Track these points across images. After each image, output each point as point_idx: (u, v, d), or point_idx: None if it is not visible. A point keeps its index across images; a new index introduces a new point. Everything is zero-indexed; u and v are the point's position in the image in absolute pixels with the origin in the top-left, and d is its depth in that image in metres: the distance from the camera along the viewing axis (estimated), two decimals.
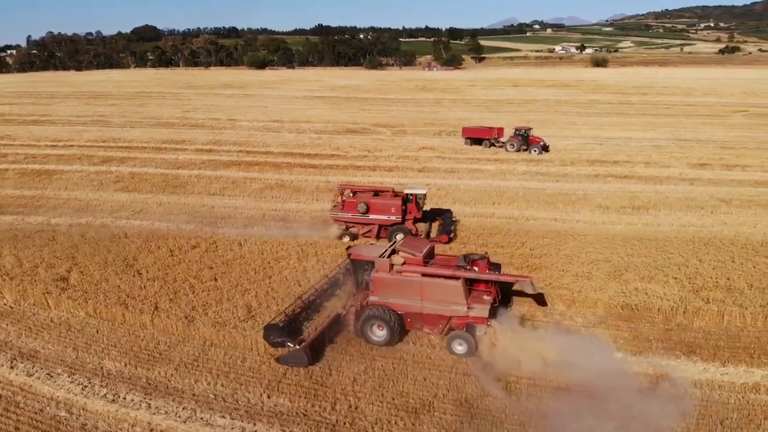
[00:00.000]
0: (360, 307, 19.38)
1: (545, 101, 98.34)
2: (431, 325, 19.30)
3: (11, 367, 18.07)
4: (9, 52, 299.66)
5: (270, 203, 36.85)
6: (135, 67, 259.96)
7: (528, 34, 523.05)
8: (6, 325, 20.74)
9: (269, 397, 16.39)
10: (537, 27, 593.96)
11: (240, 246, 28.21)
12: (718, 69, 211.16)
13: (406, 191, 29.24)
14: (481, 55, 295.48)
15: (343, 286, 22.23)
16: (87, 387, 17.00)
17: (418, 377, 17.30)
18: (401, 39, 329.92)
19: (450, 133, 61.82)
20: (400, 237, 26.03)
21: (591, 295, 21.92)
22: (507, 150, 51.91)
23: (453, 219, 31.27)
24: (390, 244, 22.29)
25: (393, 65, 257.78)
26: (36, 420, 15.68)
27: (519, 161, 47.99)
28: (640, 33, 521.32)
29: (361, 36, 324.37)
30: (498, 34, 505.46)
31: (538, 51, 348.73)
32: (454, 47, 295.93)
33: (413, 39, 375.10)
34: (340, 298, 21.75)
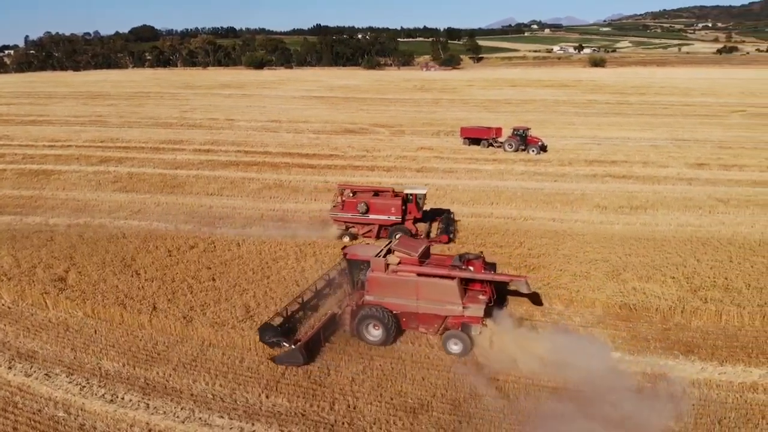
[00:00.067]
0: (356, 307, 19.39)
1: (543, 101, 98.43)
2: (427, 325, 19.33)
3: (9, 368, 18.04)
4: (7, 52, 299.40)
5: (268, 203, 36.84)
6: (133, 67, 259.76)
7: (526, 34, 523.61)
8: (4, 326, 20.70)
9: (267, 397, 16.38)
10: (535, 27, 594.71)
11: (238, 246, 28.20)
12: (715, 69, 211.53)
13: (406, 191, 29.24)
14: (480, 55, 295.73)
15: (339, 286, 22.24)
16: (85, 387, 16.98)
17: (416, 377, 17.31)
18: (399, 39, 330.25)
19: (448, 133, 61.84)
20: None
21: (589, 295, 21.95)
22: (505, 150, 51.96)
23: (453, 219, 31.27)
24: (386, 243, 22.31)
25: (391, 65, 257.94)
26: (34, 420, 15.66)
27: (517, 161, 48.03)
28: (638, 33, 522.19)
29: (360, 36, 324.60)
30: (496, 34, 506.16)
31: (536, 51, 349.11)
32: (452, 47, 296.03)
33: (411, 39, 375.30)
34: (336, 297, 21.75)
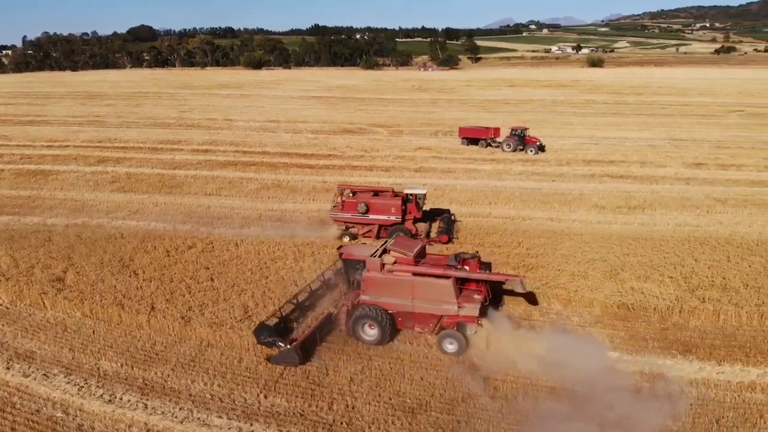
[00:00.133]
0: (351, 307, 19.41)
1: (541, 101, 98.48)
2: (422, 324, 19.35)
3: (7, 368, 18.01)
4: (4, 52, 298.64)
5: (266, 203, 36.82)
6: (131, 68, 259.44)
7: (524, 34, 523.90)
8: (2, 326, 20.67)
9: (266, 397, 16.38)
10: (533, 27, 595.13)
11: (236, 246, 28.19)
12: (713, 69, 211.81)
13: (406, 191, 29.26)
14: (478, 56, 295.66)
15: (335, 285, 22.25)
16: (83, 387, 16.96)
17: (414, 377, 17.32)
18: (398, 39, 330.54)
19: (446, 133, 61.85)
20: None
21: (587, 295, 21.98)
22: (503, 150, 51.97)
23: (453, 219, 31.29)
24: (381, 243, 22.32)
25: (389, 65, 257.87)
26: (32, 421, 15.64)
27: (515, 161, 48.06)
28: (635, 33, 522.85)
29: (358, 36, 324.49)
30: (494, 34, 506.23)
31: (534, 51, 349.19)
32: (450, 47, 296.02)
33: (410, 39, 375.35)
34: (332, 297, 21.75)
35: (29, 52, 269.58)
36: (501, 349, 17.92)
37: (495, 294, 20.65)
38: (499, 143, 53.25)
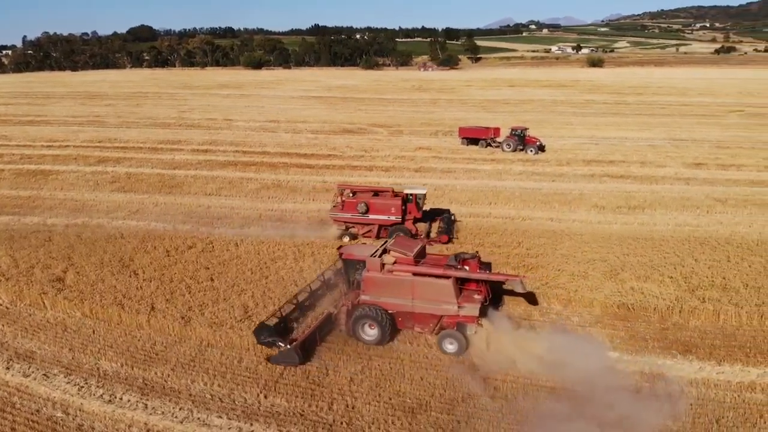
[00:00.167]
0: (351, 307, 19.42)
1: (541, 101, 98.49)
2: (422, 324, 19.35)
3: (7, 368, 18.01)
4: (4, 52, 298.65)
5: (266, 203, 36.83)
6: (131, 68, 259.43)
7: (524, 34, 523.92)
8: (2, 326, 20.66)
9: (266, 397, 16.38)
10: (533, 27, 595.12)
11: (236, 246, 28.19)
12: (713, 69, 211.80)
13: (406, 191, 29.27)
14: (478, 56, 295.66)
15: (335, 285, 22.24)
16: (83, 387, 16.96)
17: (414, 377, 17.32)
18: (398, 39, 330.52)
19: (446, 133, 61.85)
20: None
21: (587, 295, 21.98)
22: (503, 150, 51.97)
23: (453, 219, 31.29)
24: (381, 243, 22.33)
25: (389, 65, 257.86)
26: (32, 421, 15.63)
27: (515, 161, 48.06)
28: (635, 33, 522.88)
29: (358, 36, 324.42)
30: (494, 34, 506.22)
31: (534, 51, 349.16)
32: (450, 47, 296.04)
33: (410, 39, 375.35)
34: (332, 297, 21.75)
35: (29, 52, 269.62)
36: (501, 349, 17.92)
37: (495, 294, 20.65)
38: (499, 143, 53.24)
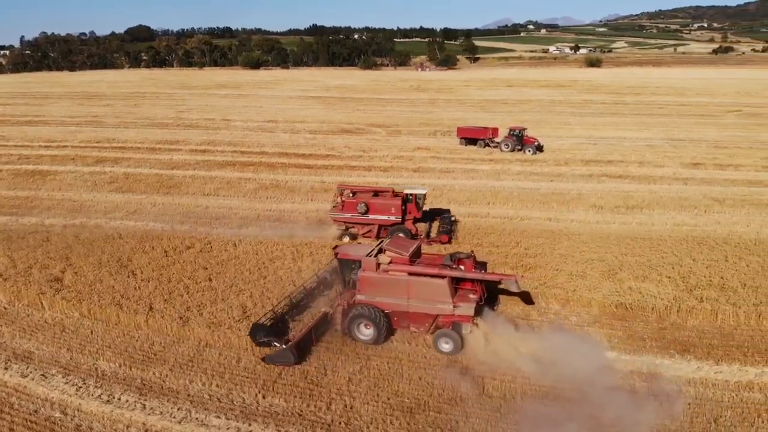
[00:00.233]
0: (347, 306, 19.44)
1: (539, 101, 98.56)
2: (418, 324, 19.37)
3: (5, 369, 18.00)
4: (2, 52, 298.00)
5: (265, 203, 36.82)
6: (129, 68, 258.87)
7: (522, 34, 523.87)
8: (0, 327, 20.65)
9: (264, 398, 16.38)
10: (531, 27, 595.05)
11: (235, 246, 28.18)
12: (711, 69, 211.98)
13: (406, 191, 29.30)
14: (476, 56, 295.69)
15: (331, 285, 22.25)
16: (81, 388, 16.95)
17: (413, 377, 17.33)
18: (396, 39, 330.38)
19: (445, 134, 61.89)
20: None
21: (585, 294, 22.02)
22: (501, 150, 52.01)
23: (453, 219, 31.31)
24: (377, 243, 22.34)
25: (388, 65, 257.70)
26: (30, 421, 15.63)
27: (513, 161, 48.10)
28: (633, 33, 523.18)
29: (356, 36, 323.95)
30: (492, 34, 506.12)
31: (532, 51, 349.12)
32: (448, 47, 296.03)
33: (408, 39, 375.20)
34: (328, 297, 21.76)
35: (27, 52, 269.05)
36: (499, 349, 17.95)
37: (491, 294, 20.69)
38: (498, 143, 53.29)
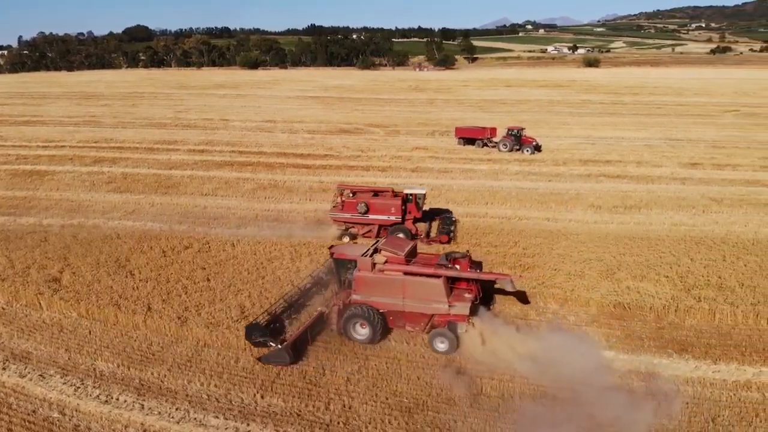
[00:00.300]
0: (343, 306, 19.46)
1: (538, 101, 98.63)
2: (413, 323, 19.39)
3: (3, 369, 17.98)
4: (0, 52, 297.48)
5: (263, 203, 36.80)
6: (127, 68, 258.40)
7: (520, 34, 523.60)
8: None
9: (263, 398, 16.38)
10: (529, 27, 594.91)
11: (233, 246, 28.16)
12: (709, 69, 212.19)
13: (406, 191, 29.31)
14: (474, 56, 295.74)
15: (327, 285, 22.24)
16: (80, 388, 16.94)
17: (411, 376, 17.34)
18: (394, 39, 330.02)
19: (443, 133, 61.91)
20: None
21: (583, 294, 22.05)
22: (500, 150, 52.03)
23: (453, 219, 31.31)
24: (372, 243, 22.34)
25: (386, 65, 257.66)
26: (28, 421, 15.62)
27: (512, 161, 48.13)
28: (631, 33, 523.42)
29: (354, 36, 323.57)
30: (491, 34, 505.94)
31: (530, 51, 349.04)
32: (446, 47, 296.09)
33: (406, 39, 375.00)
34: (324, 297, 21.76)
35: (25, 52, 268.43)
36: (497, 349, 17.96)
37: (487, 293, 20.70)
38: (496, 143, 53.32)
